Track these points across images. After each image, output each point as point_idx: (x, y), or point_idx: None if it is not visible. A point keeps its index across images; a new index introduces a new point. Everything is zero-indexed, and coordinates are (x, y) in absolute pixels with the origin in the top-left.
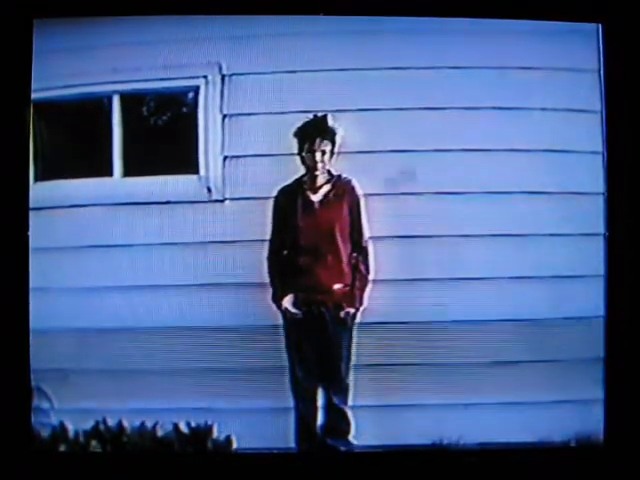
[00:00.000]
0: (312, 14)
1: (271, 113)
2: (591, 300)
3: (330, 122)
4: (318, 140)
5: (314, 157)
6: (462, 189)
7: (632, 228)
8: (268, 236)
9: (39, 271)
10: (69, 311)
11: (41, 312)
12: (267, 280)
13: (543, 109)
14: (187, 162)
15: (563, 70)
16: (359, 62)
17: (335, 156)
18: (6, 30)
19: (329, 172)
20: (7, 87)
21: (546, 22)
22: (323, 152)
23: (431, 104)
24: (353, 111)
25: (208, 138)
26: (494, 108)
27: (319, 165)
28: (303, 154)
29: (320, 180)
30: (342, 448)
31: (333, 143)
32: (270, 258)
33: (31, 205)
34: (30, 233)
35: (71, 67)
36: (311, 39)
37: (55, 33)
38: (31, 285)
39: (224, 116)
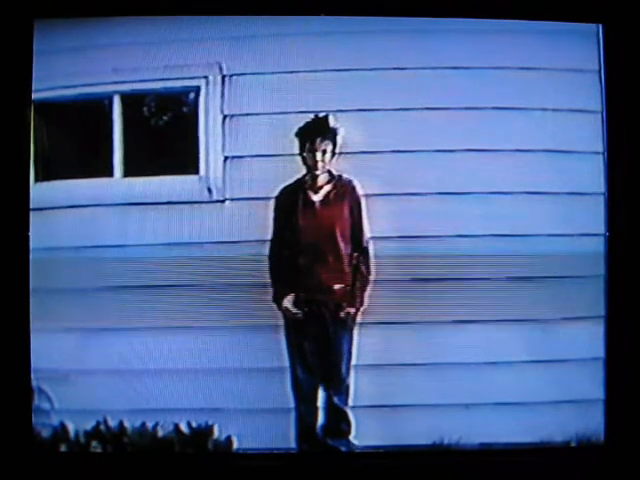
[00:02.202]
0: (313, 14)
1: (272, 113)
2: (592, 300)
3: (331, 122)
4: (319, 139)
5: (315, 156)
6: (463, 189)
7: (632, 228)
8: (269, 236)
9: (39, 271)
10: (69, 312)
11: (41, 312)
12: (268, 280)
13: (544, 109)
14: (188, 162)
15: (564, 71)
16: (360, 62)
17: (336, 156)
18: (6, 30)
19: (330, 172)
20: (7, 88)
21: (546, 22)
22: (324, 151)
23: (431, 105)
24: (354, 111)
25: (209, 138)
26: (495, 109)
27: (320, 164)
28: (304, 154)
29: (321, 180)
30: (342, 448)
31: (334, 143)
32: (271, 258)
33: (32, 206)
34: (31, 233)
35: (71, 67)
36: (312, 39)
37: (55, 33)
38: (31, 285)
39: (224, 116)
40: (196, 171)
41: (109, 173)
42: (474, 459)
